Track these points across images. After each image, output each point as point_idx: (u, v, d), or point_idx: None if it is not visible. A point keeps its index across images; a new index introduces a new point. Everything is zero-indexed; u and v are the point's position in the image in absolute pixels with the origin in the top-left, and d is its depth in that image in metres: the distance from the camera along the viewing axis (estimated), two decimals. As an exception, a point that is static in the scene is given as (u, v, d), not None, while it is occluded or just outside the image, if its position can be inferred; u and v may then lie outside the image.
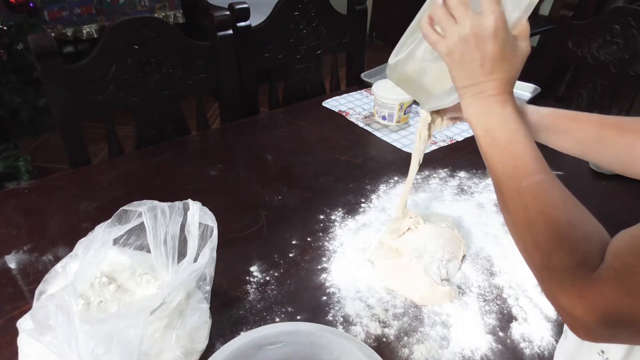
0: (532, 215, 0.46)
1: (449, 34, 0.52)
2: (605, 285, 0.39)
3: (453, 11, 0.52)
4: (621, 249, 0.40)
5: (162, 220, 0.65)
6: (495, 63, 0.51)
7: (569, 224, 0.44)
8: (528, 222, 0.46)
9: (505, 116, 0.51)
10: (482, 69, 0.52)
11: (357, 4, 1.55)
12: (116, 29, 1.09)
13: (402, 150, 1.18)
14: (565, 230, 0.44)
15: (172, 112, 1.28)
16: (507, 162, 0.50)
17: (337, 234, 0.88)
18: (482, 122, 0.53)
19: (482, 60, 0.51)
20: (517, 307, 0.74)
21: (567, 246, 0.43)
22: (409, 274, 0.76)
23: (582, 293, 0.40)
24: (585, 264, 0.41)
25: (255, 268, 0.80)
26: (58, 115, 1.07)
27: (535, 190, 0.47)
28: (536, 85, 1.47)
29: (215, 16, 1.23)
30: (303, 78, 1.55)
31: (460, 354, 0.67)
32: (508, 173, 0.49)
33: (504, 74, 0.52)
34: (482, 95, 0.53)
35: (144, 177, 1.05)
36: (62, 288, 0.51)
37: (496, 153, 0.51)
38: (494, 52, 0.51)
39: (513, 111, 0.52)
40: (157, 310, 0.56)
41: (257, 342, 0.56)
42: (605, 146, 0.60)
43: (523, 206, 0.47)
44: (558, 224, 0.44)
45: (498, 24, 0.50)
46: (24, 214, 0.92)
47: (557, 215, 0.45)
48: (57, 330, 0.48)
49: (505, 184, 0.50)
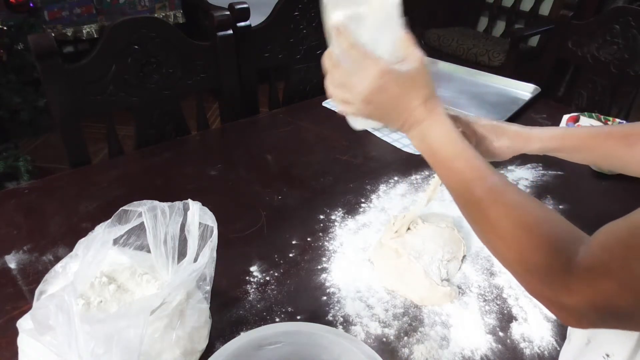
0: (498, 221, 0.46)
1: (351, 101, 0.55)
2: (594, 276, 0.39)
3: (341, 81, 0.55)
4: (608, 240, 0.40)
5: (162, 220, 0.65)
6: (406, 97, 0.53)
7: (536, 221, 0.44)
8: (494, 229, 0.47)
9: (442, 137, 0.53)
10: (397, 109, 0.53)
11: (357, 4, 1.55)
12: (116, 29, 1.09)
13: (402, 150, 1.18)
14: (535, 229, 0.44)
15: (172, 112, 1.28)
16: (457, 177, 0.51)
17: (337, 234, 0.88)
18: (426, 149, 0.54)
19: (393, 104, 0.53)
20: (517, 307, 0.74)
21: (543, 243, 0.43)
22: (409, 274, 0.76)
23: (570, 286, 0.40)
24: (564, 256, 0.41)
25: (255, 268, 0.80)
26: (58, 115, 1.07)
27: (493, 196, 0.48)
28: (536, 85, 1.47)
29: (215, 16, 1.23)
30: (303, 78, 1.55)
31: (460, 354, 0.67)
32: (462, 187, 0.50)
33: (421, 98, 0.53)
34: (416, 127, 0.54)
35: (144, 177, 1.05)
36: (62, 288, 0.51)
37: (446, 170, 0.53)
38: (397, 92, 0.52)
39: (447, 129, 0.53)
40: (157, 310, 0.56)
41: (257, 342, 0.56)
42: (613, 159, 0.63)
43: (485, 215, 0.48)
44: (526, 224, 0.44)
45: (380, 68, 0.52)
46: (24, 214, 0.92)
47: (522, 215, 0.45)
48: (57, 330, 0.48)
49: (462, 197, 0.51)
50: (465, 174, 0.50)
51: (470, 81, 1.58)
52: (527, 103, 1.40)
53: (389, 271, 0.78)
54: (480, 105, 1.41)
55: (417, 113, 0.53)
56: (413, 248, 0.79)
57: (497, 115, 1.30)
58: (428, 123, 0.53)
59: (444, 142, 0.52)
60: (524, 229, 0.44)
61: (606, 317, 0.40)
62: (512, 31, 2.78)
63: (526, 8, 3.08)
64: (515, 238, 0.44)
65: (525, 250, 0.43)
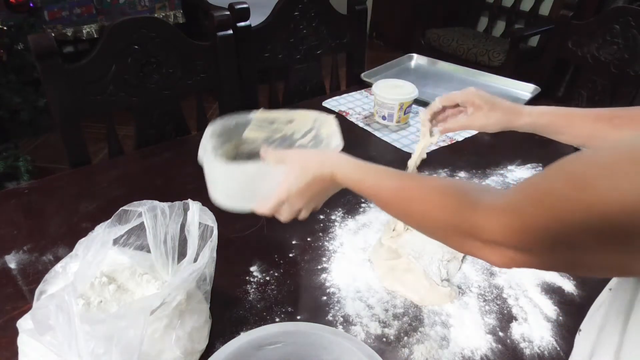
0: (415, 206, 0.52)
1: (281, 215, 0.66)
2: (500, 211, 0.41)
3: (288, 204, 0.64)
4: (533, 180, 0.41)
5: (162, 220, 0.65)
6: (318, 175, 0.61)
7: (442, 190, 0.49)
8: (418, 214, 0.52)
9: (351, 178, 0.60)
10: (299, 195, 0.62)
11: (357, 4, 1.55)
12: (116, 29, 1.09)
13: (402, 150, 1.18)
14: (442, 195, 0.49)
15: (172, 112, 1.28)
16: (375, 196, 0.58)
17: (337, 234, 0.88)
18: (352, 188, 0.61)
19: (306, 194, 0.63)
20: (517, 307, 0.74)
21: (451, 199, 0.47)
22: (409, 275, 0.76)
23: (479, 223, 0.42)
24: (470, 200, 0.45)
25: (255, 268, 0.80)
26: (58, 115, 1.07)
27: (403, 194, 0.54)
28: (536, 85, 1.47)
29: (215, 16, 1.23)
30: (303, 78, 1.55)
31: (460, 354, 0.67)
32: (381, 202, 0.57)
33: (327, 171, 0.60)
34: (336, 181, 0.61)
35: (144, 177, 1.05)
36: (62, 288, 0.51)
37: (367, 195, 0.60)
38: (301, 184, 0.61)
39: (351, 171, 0.60)
40: (157, 311, 0.56)
41: (257, 342, 0.56)
42: (599, 140, 0.66)
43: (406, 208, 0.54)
44: (435, 195, 0.50)
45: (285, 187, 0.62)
46: (24, 214, 0.92)
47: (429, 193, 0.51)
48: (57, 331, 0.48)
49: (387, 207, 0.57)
50: (379, 192, 0.57)
51: (470, 81, 1.58)
52: (527, 103, 1.40)
53: (388, 271, 0.78)
54: (480, 105, 1.41)
55: (329, 176, 0.61)
56: (413, 248, 0.79)
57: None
58: (339, 176, 0.60)
59: (354, 181, 0.59)
60: (434, 200, 0.50)
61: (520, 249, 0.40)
62: (512, 31, 2.78)
63: (526, 8, 3.08)
64: (431, 209, 0.50)
65: (439, 213, 0.48)
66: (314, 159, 0.63)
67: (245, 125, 0.80)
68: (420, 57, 1.71)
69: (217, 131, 0.75)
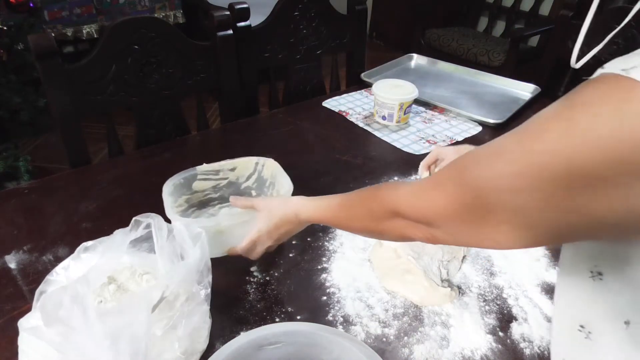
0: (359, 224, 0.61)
1: (252, 254, 0.75)
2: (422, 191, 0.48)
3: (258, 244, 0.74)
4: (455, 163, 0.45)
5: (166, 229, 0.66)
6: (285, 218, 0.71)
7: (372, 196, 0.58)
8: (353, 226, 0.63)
9: (310, 219, 0.69)
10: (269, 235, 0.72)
11: (357, 4, 1.55)
12: (116, 29, 1.09)
13: (402, 150, 1.18)
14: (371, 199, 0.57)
15: (172, 112, 1.28)
16: (336, 225, 0.69)
17: (337, 234, 0.88)
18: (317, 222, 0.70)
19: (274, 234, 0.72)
20: (517, 307, 0.74)
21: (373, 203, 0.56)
22: (409, 275, 0.76)
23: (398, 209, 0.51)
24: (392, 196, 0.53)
25: (255, 268, 0.80)
26: (58, 115, 1.07)
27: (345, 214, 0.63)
28: (536, 86, 1.47)
29: (215, 16, 1.23)
30: (303, 78, 1.55)
31: (460, 354, 0.67)
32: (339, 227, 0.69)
33: (291, 215, 0.70)
34: (298, 221, 0.71)
35: (144, 177, 1.05)
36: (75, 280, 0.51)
37: (330, 225, 0.74)
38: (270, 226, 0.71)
39: (308, 214, 0.69)
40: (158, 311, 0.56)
41: (257, 342, 0.56)
42: None
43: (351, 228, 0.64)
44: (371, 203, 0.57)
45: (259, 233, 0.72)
46: (24, 214, 0.92)
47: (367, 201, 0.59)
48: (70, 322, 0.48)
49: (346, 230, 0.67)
50: (335, 222, 0.67)
51: (470, 81, 1.58)
52: (527, 103, 1.40)
53: (388, 272, 0.78)
54: (480, 105, 1.41)
55: (294, 218, 0.70)
56: (412, 249, 0.79)
57: (497, 115, 1.30)
58: (303, 217, 0.69)
59: (315, 219, 0.68)
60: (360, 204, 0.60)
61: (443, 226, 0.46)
62: (512, 31, 2.78)
63: (526, 8, 3.08)
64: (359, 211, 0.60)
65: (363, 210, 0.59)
66: (277, 205, 0.71)
67: (193, 179, 0.89)
68: (420, 57, 1.71)
69: (169, 191, 0.82)
